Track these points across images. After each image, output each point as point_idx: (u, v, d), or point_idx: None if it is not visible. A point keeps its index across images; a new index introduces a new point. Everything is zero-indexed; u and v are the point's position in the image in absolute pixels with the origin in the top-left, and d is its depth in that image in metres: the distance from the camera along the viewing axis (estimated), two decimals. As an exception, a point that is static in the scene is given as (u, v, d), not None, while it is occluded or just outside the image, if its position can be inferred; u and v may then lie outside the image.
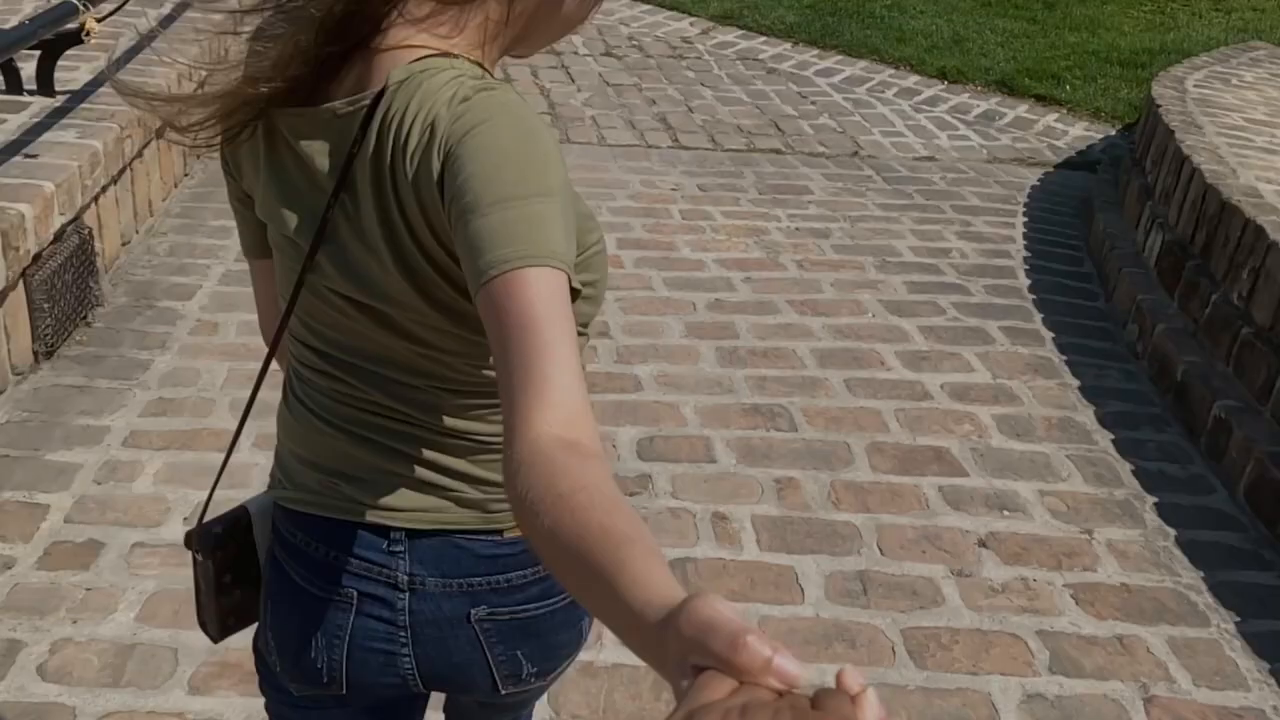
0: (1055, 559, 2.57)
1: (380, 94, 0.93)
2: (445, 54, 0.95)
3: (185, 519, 2.46)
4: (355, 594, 1.09)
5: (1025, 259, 4.18)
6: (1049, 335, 3.60)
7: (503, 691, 1.14)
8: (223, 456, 1.22)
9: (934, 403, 3.17)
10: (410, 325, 1.00)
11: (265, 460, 2.70)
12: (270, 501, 1.18)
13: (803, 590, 2.39)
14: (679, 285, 3.81)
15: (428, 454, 1.06)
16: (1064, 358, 3.47)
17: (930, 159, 5.26)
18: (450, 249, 0.91)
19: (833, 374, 3.29)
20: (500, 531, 1.07)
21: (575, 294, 0.86)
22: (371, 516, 1.08)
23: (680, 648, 0.57)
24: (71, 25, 3.25)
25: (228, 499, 1.23)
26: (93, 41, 3.24)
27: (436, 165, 0.89)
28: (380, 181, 0.93)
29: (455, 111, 0.89)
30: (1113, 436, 3.07)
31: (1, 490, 2.50)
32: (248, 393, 2.95)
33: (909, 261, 4.11)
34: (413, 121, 0.91)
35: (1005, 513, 2.72)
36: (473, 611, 1.09)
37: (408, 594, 1.08)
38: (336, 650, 1.11)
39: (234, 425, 2.72)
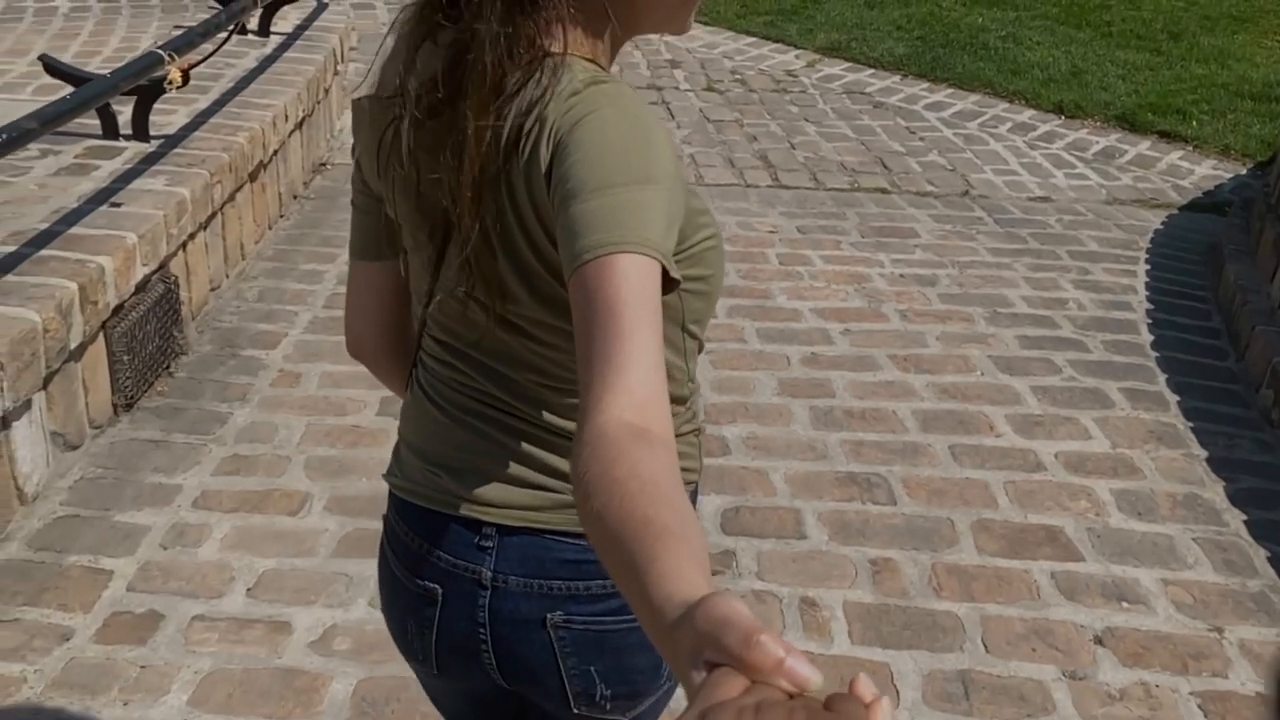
0: (1180, 661, 2.32)
1: (508, 93, 0.96)
2: (559, 54, 0.98)
3: (249, 589, 2.37)
4: (440, 591, 1.12)
5: (1148, 312, 3.90)
6: (1174, 399, 3.33)
7: (574, 710, 1.14)
8: (292, 521, 1.31)
9: (1047, 475, 2.94)
10: (517, 319, 1.02)
11: (336, 526, 2.61)
12: None
13: (898, 692, 2.20)
14: (773, 337, 3.64)
15: (529, 449, 1.08)
16: (1190, 425, 3.20)
17: (1045, 200, 4.99)
18: (554, 238, 0.92)
19: (936, 440, 3.08)
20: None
21: (673, 285, 0.87)
22: (466, 510, 1.10)
23: (695, 642, 0.58)
24: (156, 75, 3.22)
25: (293, 568, 1.16)
26: (174, 90, 3.22)
27: (546, 154, 0.92)
28: (496, 175, 0.97)
29: (567, 104, 0.93)
30: (1245, 517, 2.80)
31: (69, 554, 2.45)
32: (322, 451, 2.90)
33: (1021, 313, 3.86)
34: (527, 114, 0.94)
35: (1124, 604, 2.48)
36: (549, 616, 1.10)
37: (489, 591, 1.10)
38: (427, 640, 1.15)
39: (306, 486, 2.69)
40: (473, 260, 1.00)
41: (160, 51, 3.05)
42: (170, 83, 3.14)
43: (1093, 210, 4.88)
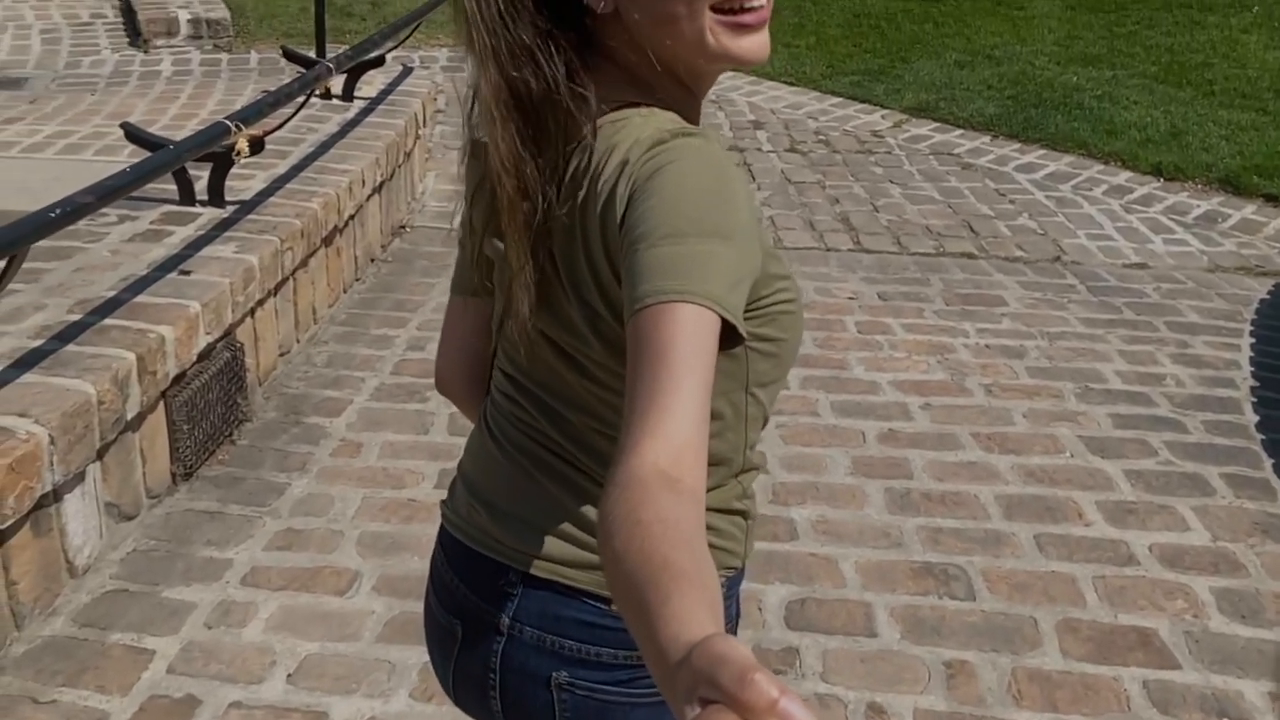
0: (1291, 788, 2.10)
1: (579, 143, 0.99)
2: (637, 104, 1.01)
3: (289, 675, 2.29)
4: (460, 629, 1.14)
5: (1253, 389, 3.66)
6: (1282, 487, 3.10)
7: None
8: (339, 602, 1.21)
9: (1140, 569, 2.73)
10: (581, 357, 1.04)
11: (383, 608, 2.53)
12: None
13: (970, 814, 2.02)
14: (848, 411, 3.49)
15: (569, 501, 1.08)
16: (1302, 516, 2.97)
17: (1142, 266, 4.77)
18: (620, 281, 0.93)
19: (1020, 528, 2.89)
20: (609, 601, 1.06)
21: (737, 341, 0.88)
22: (497, 551, 1.11)
23: (690, 679, 0.59)
24: (225, 144, 3.23)
25: (336, 653, 1.10)
26: (242, 159, 3.22)
27: (623, 197, 0.93)
28: (571, 215, 0.99)
29: (650, 152, 0.94)
30: (1365, 622, 2.56)
31: (113, 631, 2.41)
32: (376, 527, 2.82)
33: (1115, 389, 3.66)
34: (607, 161, 0.97)
35: (1226, 720, 2.27)
36: (555, 675, 1.08)
37: (504, 638, 1.10)
38: (447, 671, 1.18)
39: (356, 564, 2.62)
40: (532, 288, 1.02)
41: (227, 122, 3.06)
42: (238, 153, 3.15)
43: (1193, 278, 4.64)
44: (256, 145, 3.33)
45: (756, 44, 1.02)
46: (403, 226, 4.96)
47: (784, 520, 2.90)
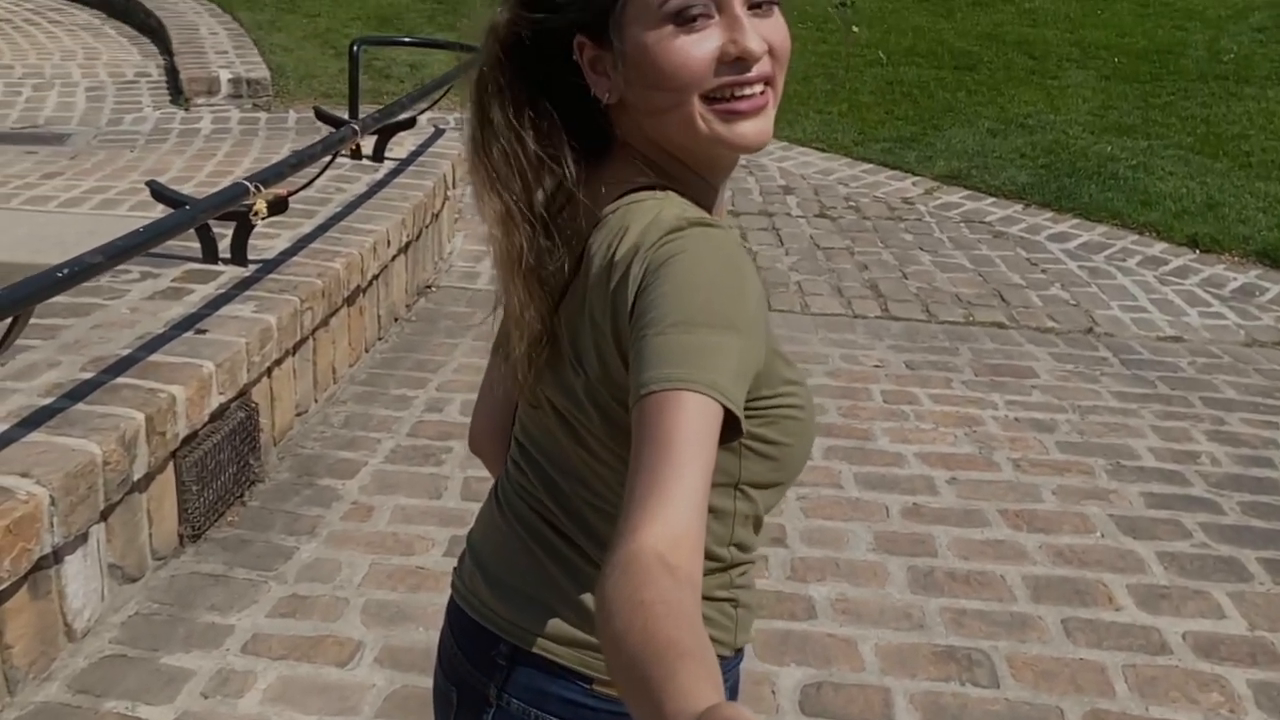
0: None
1: (598, 223, 1.02)
2: (653, 188, 1.03)
3: (284, 750, 2.23)
4: (455, 696, 1.15)
5: (1292, 470, 3.55)
6: (1324, 574, 2.98)
7: None
8: (339, 673, 1.19)
9: (1173, 659, 2.62)
10: (579, 426, 1.05)
11: (384, 681, 2.45)
12: None
13: None
14: (872, 484, 3.40)
15: (562, 579, 1.09)
16: (1344, 605, 2.84)
17: (1177, 340, 4.67)
18: (627, 362, 0.94)
19: (1048, 611, 2.79)
20: (591, 681, 1.08)
21: (737, 433, 0.89)
22: (492, 622, 1.13)
23: None
24: (243, 204, 3.23)
25: None
26: (260, 221, 3.21)
27: (635, 279, 0.95)
28: (585, 291, 1.01)
29: (666, 238, 0.96)
30: None
31: (107, 698, 2.35)
32: (382, 595, 2.76)
33: (1148, 467, 3.55)
34: (620, 240, 0.99)
35: (1265, 825, 2.14)
36: None
37: (493, 709, 1.11)
38: None
39: (360, 634, 2.55)
40: (536, 359, 1.06)
41: (246, 183, 3.06)
42: (256, 213, 3.14)
43: (1229, 353, 4.54)
44: (278, 206, 3.32)
45: (752, 129, 1.01)
46: (428, 286, 4.95)
47: (802, 598, 2.81)
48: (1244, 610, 2.81)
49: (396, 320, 4.56)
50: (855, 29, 9.12)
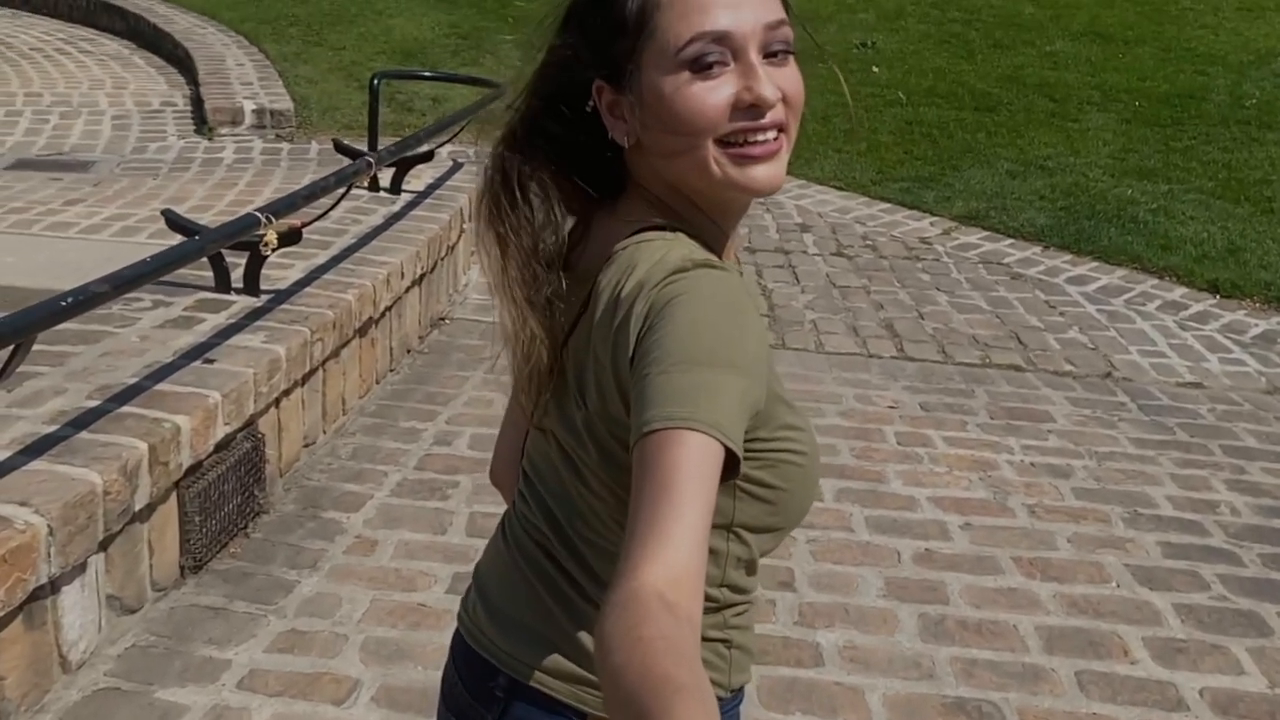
0: None
1: (608, 260, 1.04)
2: (663, 228, 1.05)
3: (276, 791, 2.18)
4: None
5: (1314, 522, 3.48)
6: (1346, 630, 2.91)
7: None
8: (335, 712, 1.19)
9: (1190, 716, 2.55)
10: (577, 459, 1.07)
11: (381, 718, 2.41)
12: None
13: None
14: (883, 528, 3.35)
15: (559, 609, 1.10)
16: (1367, 663, 2.77)
17: (1197, 386, 4.61)
18: (628, 401, 0.95)
19: (1061, 663, 2.72)
20: (586, 717, 1.09)
21: (735, 471, 0.89)
22: (490, 653, 1.14)
23: None
24: (254, 235, 3.22)
25: None
26: (270, 252, 3.20)
27: (639, 317, 0.96)
28: (591, 325, 1.03)
29: (671, 278, 0.97)
30: None
31: (99, 733, 2.32)
32: (382, 632, 2.72)
33: (1166, 516, 3.49)
34: (627, 278, 1.00)
35: None
36: None
37: None
38: None
39: (358, 672, 2.52)
40: (543, 391, 1.08)
41: (257, 214, 3.05)
42: (266, 244, 3.13)
43: (1250, 400, 4.47)
44: (291, 237, 3.31)
45: (765, 174, 1.03)
46: (442, 318, 4.94)
47: (809, 644, 2.75)
48: (1264, 667, 2.74)
49: (409, 352, 4.55)
50: (875, 69, 9.13)
